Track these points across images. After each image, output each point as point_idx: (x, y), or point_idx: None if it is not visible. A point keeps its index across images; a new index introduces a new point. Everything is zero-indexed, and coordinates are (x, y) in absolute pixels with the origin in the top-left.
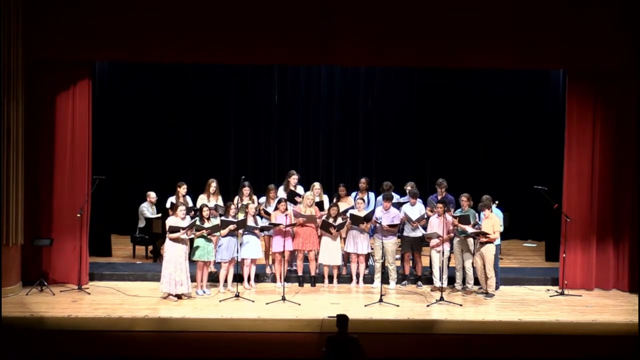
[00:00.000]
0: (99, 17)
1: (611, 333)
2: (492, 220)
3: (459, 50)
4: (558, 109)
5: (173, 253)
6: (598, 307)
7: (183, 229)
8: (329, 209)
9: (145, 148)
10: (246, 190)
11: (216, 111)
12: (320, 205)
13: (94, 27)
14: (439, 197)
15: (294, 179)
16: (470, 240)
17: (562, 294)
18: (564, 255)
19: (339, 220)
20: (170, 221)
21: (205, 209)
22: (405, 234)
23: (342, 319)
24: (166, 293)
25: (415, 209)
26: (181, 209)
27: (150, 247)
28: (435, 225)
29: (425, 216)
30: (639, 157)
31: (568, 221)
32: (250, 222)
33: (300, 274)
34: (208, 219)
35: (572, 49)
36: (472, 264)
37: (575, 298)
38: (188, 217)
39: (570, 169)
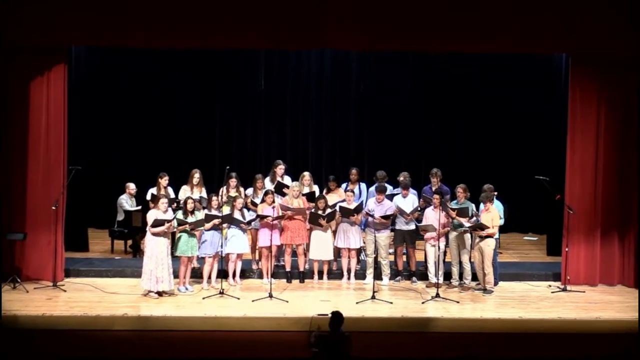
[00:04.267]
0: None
1: (616, 331)
2: (492, 213)
3: (456, 35)
4: (560, 96)
5: (154, 248)
6: (602, 304)
7: (168, 221)
8: (316, 202)
9: (124, 137)
10: (233, 182)
11: (199, 98)
12: (311, 196)
13: (71, 10)
14: (433, 188)
15: (280, 169)
16: (468, 236)
17: (564, 290)
18: (567, 249)
19: (328, 211)
20: (152, 214)
21: (190, 201)
22: (397, 227)
23: (337, 316)
24: (147, 290)
25: (407, 201)
26: (163, 202)
27: (130, 242)
28: (431, 217)
29: (419, 208)
30: None
31: (571, 213)
32: (237, 215)
33: (288, 269)
34: (192, 212)
35: (574, 33)
36: (470, 258)
37: (579, 294)
38: (170, 209)
39: (573, 158)
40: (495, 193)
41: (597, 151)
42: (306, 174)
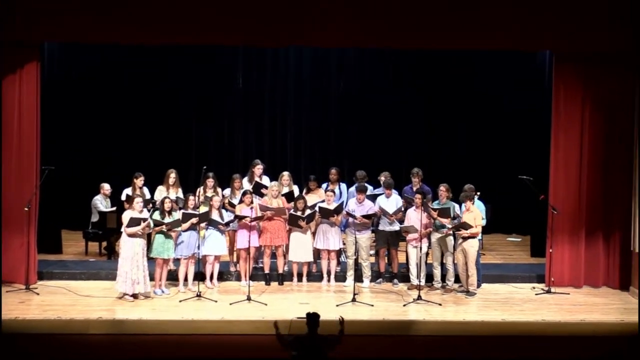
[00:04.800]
0: None
1: (601, 333)
2: (474, 213)
3: (437, 32)
4: (544, 94)
5: (129, 249)
6: (587, 306)
7: (144, 220)
8: (295, 202)
9: (98, 136)
10: (210, 182)
11: (175, 97)
12: (290, 195)
13: (43, 5)
14: (414, 188)
15: (258, 169)
16: (450, 237)
17: (548, 292)
18: (551, 251)
19: (308, 212)
20: (128, 215)
21: (167, 201)
22: (381, 228)
23: (313, 317)
24: (122, 293)
25: (391, 201)
26: (137, 201)
27: (104, 243)
28: (413, 218)
29: (402, 208)
30: (631, 145)
31: (555, 213)
32: (215, 215)
33: (267, 271)
34: (169, 212)
35: (557, 30)
36: (453, 260)
37: (563, 296)
38: (145, 210)
39: (557, 157)
40: (478, 193)
41: (582, 150)
42: (285, 173)
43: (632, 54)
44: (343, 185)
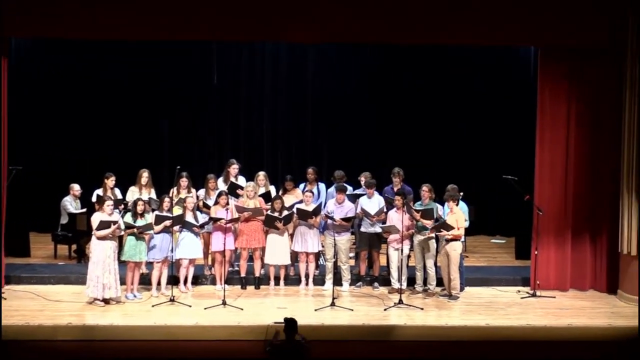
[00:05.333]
0: None
1: (588, 338)
2: (457, 214)
3: (417, 26)
4: (529, 91)
5: (100, 253)
6: (574, 310)
7: (114, 223)
8: (272, 203)
9: (68, 135)
10: (184, 182)
11: (148, 94)
12: (267, 196)
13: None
14: (395, 189)
15: (234, 169)
16: (433, 241)
17: (534, 295)
18: (536, 253)
19: (285, 213)
20: (97, 217)
21: (140, 203)
22: (363, 229)
23: (290, 323)
24: (92, 298)
25: (373, 202)
26: (108, 203)
27: (74, 246)
28: (395, 219)
29: (385, 209)
30: (618, 143)
31: (540, 214)
32: (189, 217)
33: (243, 275)
34: (142, 214)
35: (542, 24)
36: (436, 263)
37: (549, 300)
38: (116, 212)
39: (542, 156)
40: (461, 194)
41: (568, 149)
42: (261, 173)
43: (618, 49)
44: (321, 186)
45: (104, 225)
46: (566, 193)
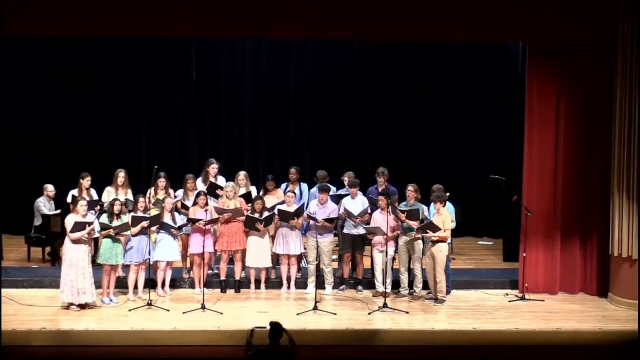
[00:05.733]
0: None
1: (578, 343)
2: (444, 215)
3: (403, 22)
4: (517, 88)
5: (74, 256)
6: (563, 314)
7: (90, 225)
8: (252, 204)
9: (42, 134)
10: (162, 182)
11: (124, 91)
12: (247, 197)
13: None
14: (380, 189)
15: (213, 168)
16: (419, 243)
17: (522, 298)
18: (525, 255)
19: (266, 214)
20: (71, 219)
21: (117, 204)
22: (346, 231)
23: (275, 328)
24: (67, 303)
25: (357, 202)
26: (82, 204)
27: (48, 249)
28: (379, 220)
29: (369, 210)
30: (609, 142)
31: (529, 215)
32: (167, 219)
33: (223, 278)
34: (119, 215)
35: (530, 20)
36: (421, 265)
37: (538, 303)
38: (92, 213)
39: (531, 155)
40: (448, 194)
41: (557, 148)
42: (241, 173)
43: (609, 47)
44: (304, 186)
45: (78, 227)
46: (555, 193)
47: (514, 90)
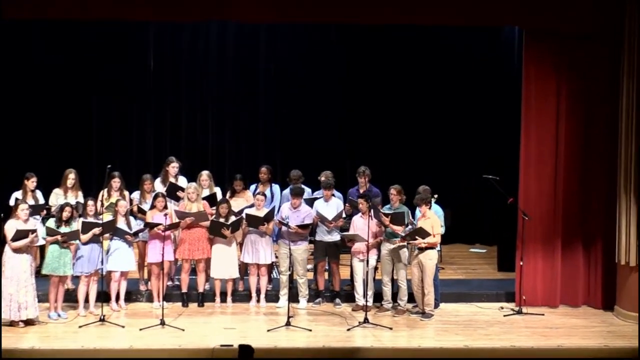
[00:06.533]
0: None
1: None
2: (431, 219)
3: (386, 3)
4: (512, 80)
5: (15, 267)
6: (565, 329)
7: (33, 232)
8: (217, 207)
9: None
10: (116, 183)
11: (73, 82)
12: (211, 199)
13: None
14: (361, 190)
15: (173, 167)
16: (404, 250)
17: (519, 312)
18: (522, 264)
19: (232, 219)
20: (12, 225)
21: (67, 208)
22: (318, 238)
23: (245, 351)
24: (8, 320)
25: (330, 205)
26: (22, 208)
27: None
28: (360, 225)
29: (344, 214)
30: (614, 138)
31: (526, 219)
32: (121, 224)
33: (184, 290)
34: (68, 221)
35: (527, 3)
36: (406, 275)
37: (536, 318)
38: (35, 218)
39: (528, 153)
40: (435, 196)
41: (557, 145)
42: (204, 173)
43: (613, 34)
44: (275, 187)
45: (20, 234)
46: (555, 195)
47: (509, 82)
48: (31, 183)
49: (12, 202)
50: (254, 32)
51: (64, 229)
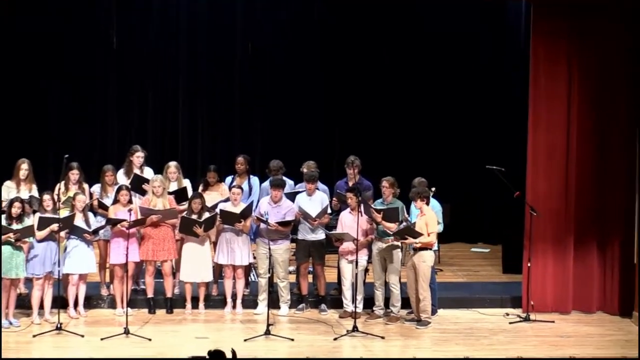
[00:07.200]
0: None
1: None
2: (428, 216)
3: None
4: (519, 60)
5: None
6: (577, 338)
7: None
8: (189, 202)
9: None
10: (74, 175)
11: (29, 62)
12: (181, 194)
13: None
14: (350, 183)
15: (138, 157)
16: (397, 251)
17: (526, 319)
18: (529, 265)
19: (206, 215)
20: None
21: (16, 204)
22: (300, 236)
23: (217, 357)
24: None
25: (314, 200)
26: None
27: None
28: (348, 222)
29: (329, 210)
30: (633, 124)
31: (534, 216)
32: (79, 220)
33: (150, 295)
34: (19, 218)
35: None
36: (400, 278)
37: (546, 325)
38: None
39: (536, 142)
40: (433, 189)
41: (569, 133)
42: (172, 164)
43: (632, 6)
44: (254, 179)
45: None
46: (567, 188)
47: (515, 62)
48: None
49: None
50: (229, 5)
51: (15, 226)
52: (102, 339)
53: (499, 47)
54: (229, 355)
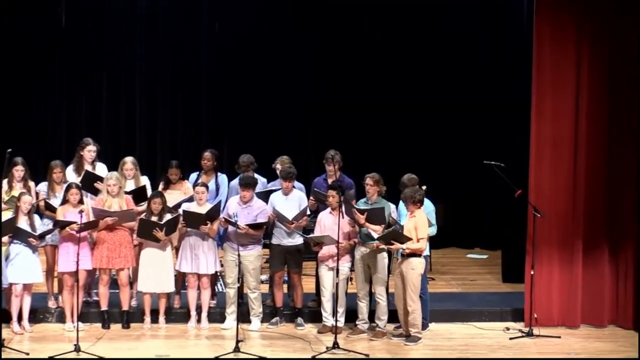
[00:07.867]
0: None
1: None
2: (418, 218)
3: None
4: (521, 43)
5: None
6: (587, 354)
7: None
8: (149, 202)
9: None
10: (18, 171)
11: None
12: (138, 193)
13: None
14: (329, 180)
15: (89, 152)
16: (383, 256)
17: (529, 334)
18: (533, 273)
19: (167, 217)
20: None
21: None
22: (275, 241)
23: None
24: None
25: (291, 200)
26: None
27: None
28: (328, 224)
29: (308, 212)
30: None
31: (538, 217)
32: (23, 223)
33: (104, 307)
34: None
35: None
36: (387, 288)
37: (551, 341)
38: None
39: (540, 135)
40: (424, 188)
41: (577, 125)
42: (128, 160)
43: None
44: (222, 177)
45: None
46: (575, 187)
47: (517, 45)
48: None
49: None
50: None
51: None
52: (49, 358)
53: (500, 27)
54: None
